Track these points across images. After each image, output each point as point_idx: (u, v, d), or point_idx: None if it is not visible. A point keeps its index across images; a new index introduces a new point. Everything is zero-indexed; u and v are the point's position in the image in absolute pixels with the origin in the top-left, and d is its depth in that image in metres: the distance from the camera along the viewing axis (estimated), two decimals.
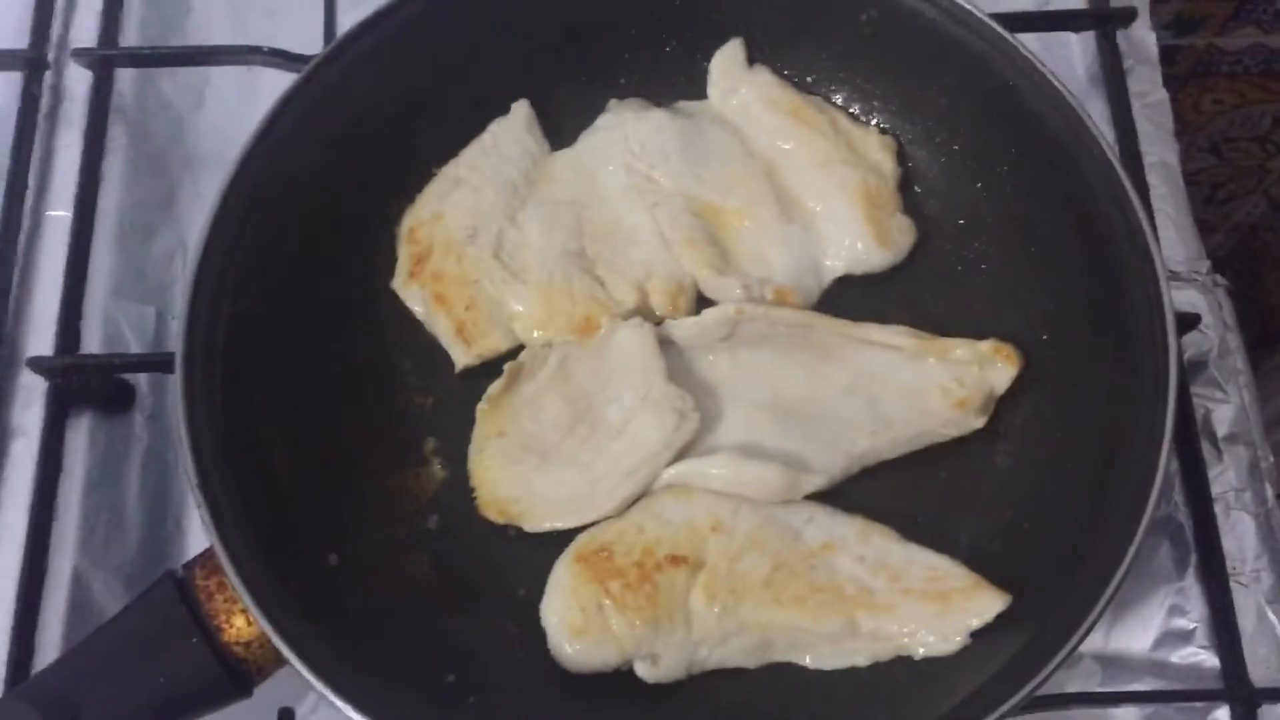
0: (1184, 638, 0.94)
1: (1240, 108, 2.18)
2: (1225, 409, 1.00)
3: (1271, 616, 0.94)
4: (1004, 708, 0.74)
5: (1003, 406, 0.92)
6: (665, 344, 0.94)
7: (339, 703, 0.75)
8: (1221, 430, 1.00)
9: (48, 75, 1.12)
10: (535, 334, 0.95)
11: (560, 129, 1.04)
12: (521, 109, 1.03)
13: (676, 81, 1.05)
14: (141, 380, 1.04)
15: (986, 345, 0.92)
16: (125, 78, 1.13)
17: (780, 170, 1.00)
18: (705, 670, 0.86)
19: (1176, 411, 0.81)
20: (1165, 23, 1.96)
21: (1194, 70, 2.08)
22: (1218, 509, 0.96)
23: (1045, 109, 0.91)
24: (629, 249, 0.98)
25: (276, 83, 1.02)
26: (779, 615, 0.85)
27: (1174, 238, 1.06)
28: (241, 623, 0.80)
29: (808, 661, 0.86)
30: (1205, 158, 2.35)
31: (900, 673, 0.84)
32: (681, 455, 0.90)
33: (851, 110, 1.03)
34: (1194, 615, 0.95)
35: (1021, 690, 0.75)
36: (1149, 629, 0.95)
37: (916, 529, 0.89)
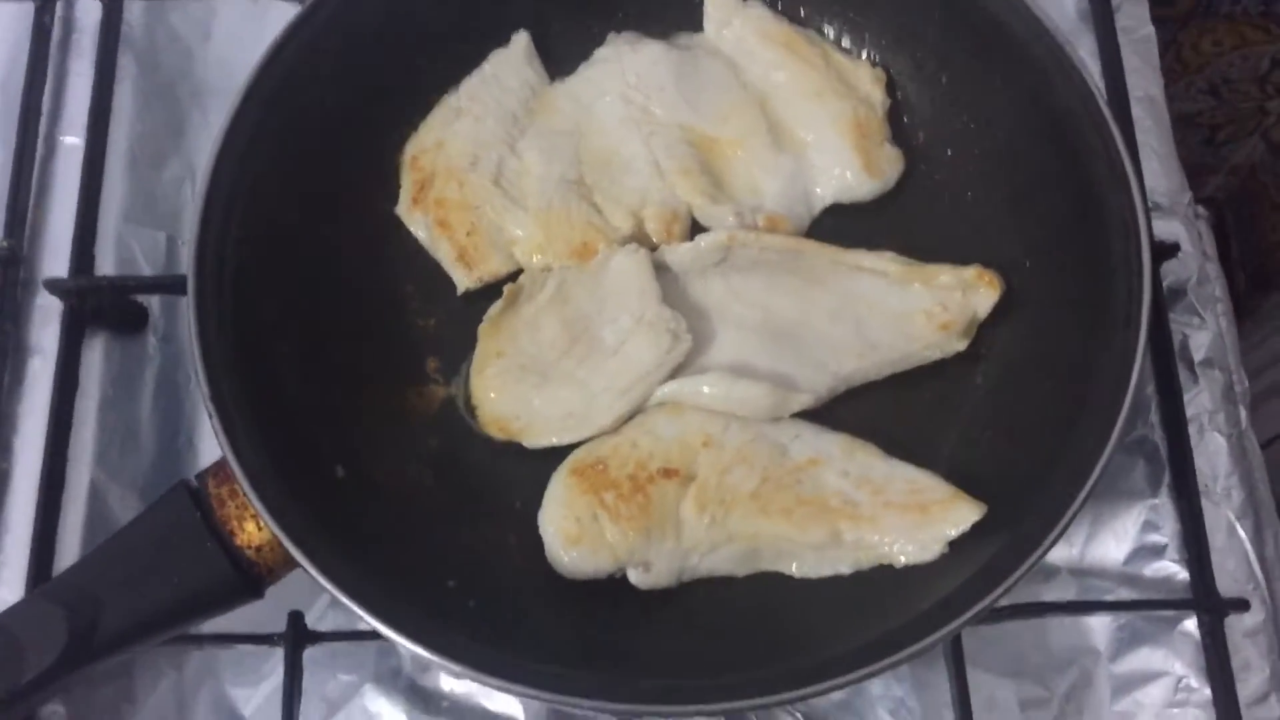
0: (1156, 552, 0.98)
1: (1239, 49, 2.19)
2: (1202, 335, 1.04)
3: (1240, 532, 0.98)
4: (977, 608, 0.78)
5: (985, 330, 0.96)
6: (660, 269, 0.97)
7: (346, 601, 0.79)
8: (1198, 355, 1.03)
9: (59, 6, 1.15)
10: (535, 258, 0.99)
11: (559, 60, 1.07)
12: (521, 40, 1.06)
13: (673, 15, 1.08)
14: (154, 303, 1.07)
15: (970, 271, 0.96)
16: (134, 9, 1.16)
17: (773, 101, 1.03)
18: (695, 578, 0.90)
19: (1151, 334, 0.85)
20: None
21: (1193, 11, 2.09)
22: (1192, 430, 1.00)
23: (1031, 42, 0.93)
24: (625, 177, 1.01)
25: (282, 15, 1.06)
26: (766, 525, 0.89)
27: (1157, 169, 1.09)
28: (252, 528, 0.84)
29: (793, 570, 0.90)
30: (1204, 99, 2.36)
31: (881, 580, 0.88)
32: (674, 374, 0.93)
33: (843, 43, 1.06)
34: (1166, 530, 0.99)
35: (994, 592, 0.79)
36: (1123, 544, 0.99)
37: (899, 446, 0.92)
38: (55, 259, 1.06)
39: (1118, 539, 0.99)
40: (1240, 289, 2.54)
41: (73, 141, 1.11)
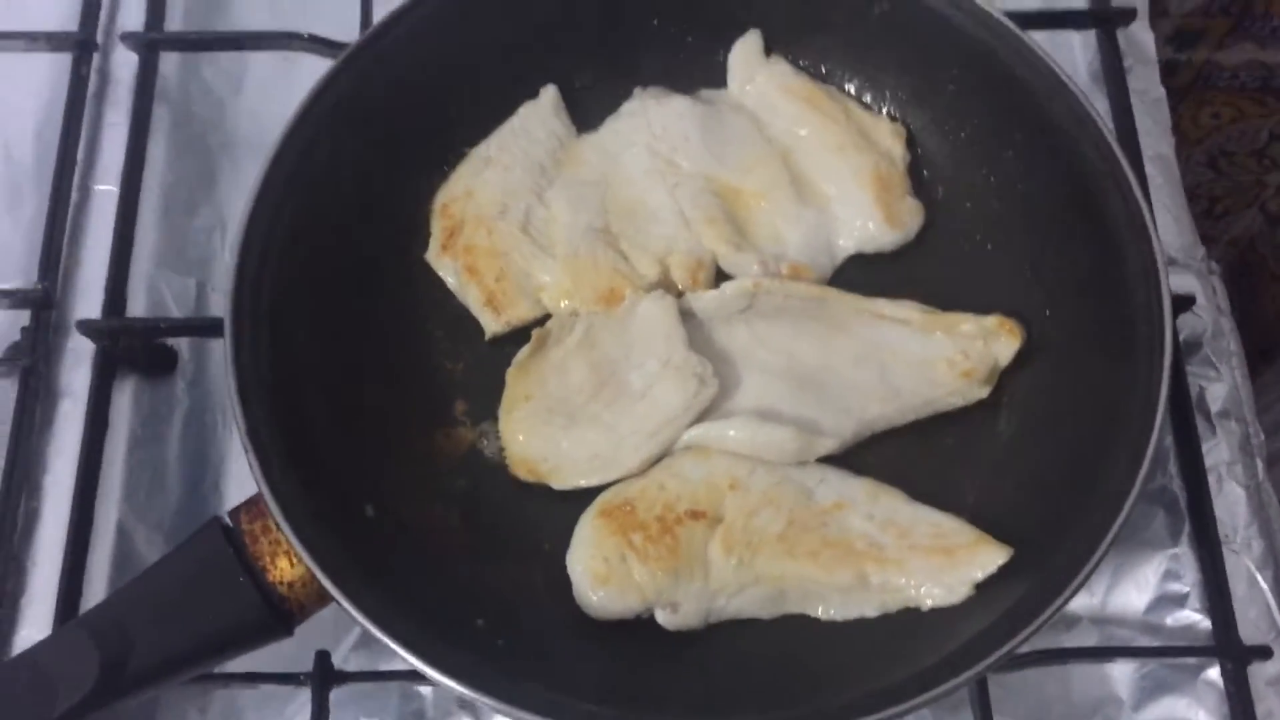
0: (1178, 601, 0.99)
1: (1237, 122, 2.23)
2: (1219, 387, 1.05)
3: (1261, 581, 0.98)
4: (1003, 650, 0.79)
5: (1006, 377, 0.97)
6: (686, 315, 0.99)
7: (381, 635, 0.79)
8: (1215, 406, 1.05)
9: (96, 57, 1.18)
10: (562, 304, 1.00)
11: (586, 114, 1.09)
12: (550, 93, 1.08)
13: (697, 71, 1.10)
14: (183, 347, 1.09)
15: (991, 320, 0.97)
16: (169, 61, 1.19)
17: (796, 154, 1.06)
18: (722, 620, 0.90)
19: (1171, 383, 0.86)
20: (1166, 36, 2.01)
21: (1193, 84, 2.13)
22: (1211, 480, 1.01)
23: (1049, 97, 0.96)
24: (651, 226, 1.03)
25: (312, 69, 1.08)
26: (792, 568, 0.89)
27: (1171, 226, 1.11)
28: (285, 564, 0.85)
29: (819, 612, 0.90)
30: (1203, 171, 2.40)
31: (906, 623, 0.88)
32: (701, 418, 0.94)
33: (864, 98, 1.09)
34: (1188, 580, 0.99)
35: (1020, 634, 0.79)
36: (1144, 592, 0.99)
37: (923, 491, 0.93)
38: (87, 303, 1.08)
39: (1139, 588, 1.00)
40: None
41: (107, 189, 1.13)
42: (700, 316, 1.00)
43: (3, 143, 1.17)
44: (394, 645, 0.79)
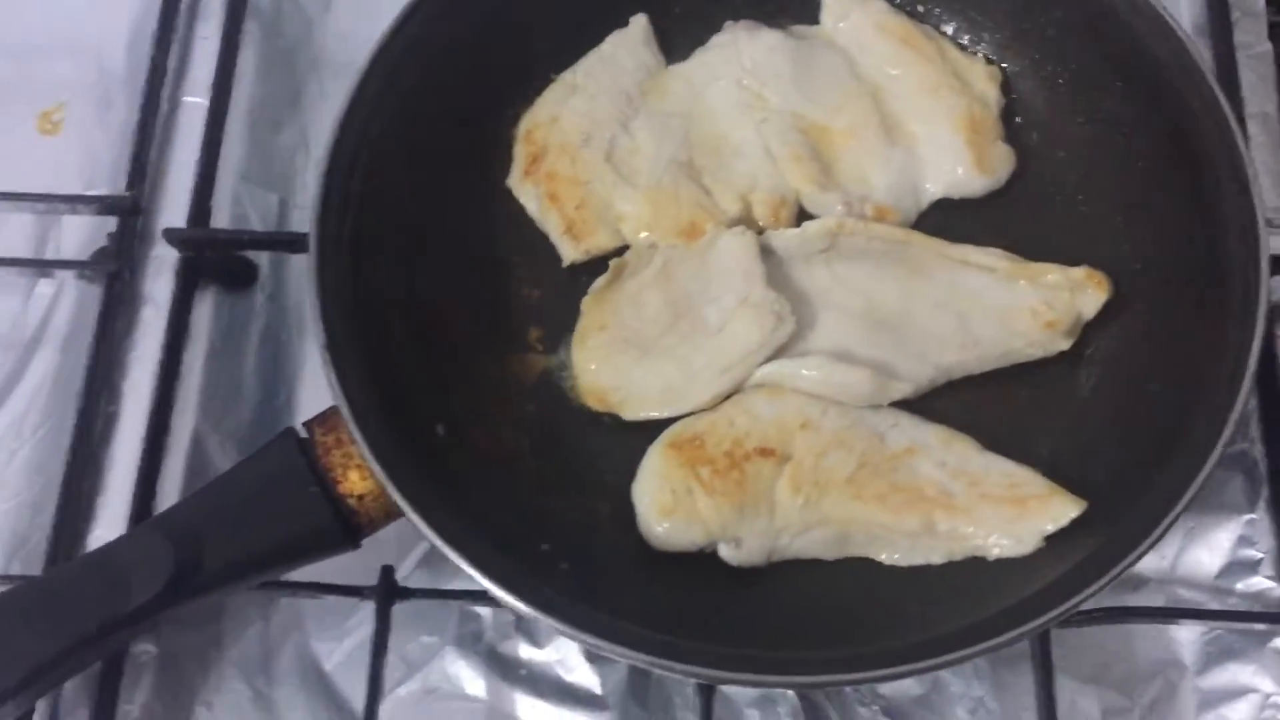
0: (1250, 567, 0.97)
1: None
2: None
3: None
4: (1067, 605, 0.78)
5: (1090, 331, 0.96)
6: (766, 253, 0.98)
7: (448, 550, 0.80)
8: None
9: None
10: (641, 235, 1.00)
11: (676, 45, 1.09)
12: (640, 22, 1.07)
13: (790, 6, 1.09)
14: (264, 261, 1.10)
15: (1079, 271, 0.96)
16: None
17: (886, 94, 1.04)
18: (785, 559, 0.90)
19: (1261, 348, 0.84)
20: None
21: None
22: None
23: (1154, 43, 0.93)
24: (735, 161, 1.02)
25: None
26: (860, 510, 0.89)
27: (1270, 186, 1.08)
28: (355, 477, 0.86)
29: (883, 557, 0.90)
30: None
31: (971, 572, 0.88)
32: (775, 356, 0.94)
33: (960, 40, 1.07)
34: (1262, 546, 0.97)
35: (1086, 590, 0.78)
36: (1216, 557, 0.98)
37: (997, 442, 0.92)
38: (173, 213, 1.10)
39: (1211, 552, 0.98)
40: None
41: (195, 101, 1.14)
42: (780, 254, 0.99)
43: (96, 52, 1.19)
44: (459, 560, 0.80)
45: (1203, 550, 0.98)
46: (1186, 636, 0.96)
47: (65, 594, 0.83)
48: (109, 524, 0.99)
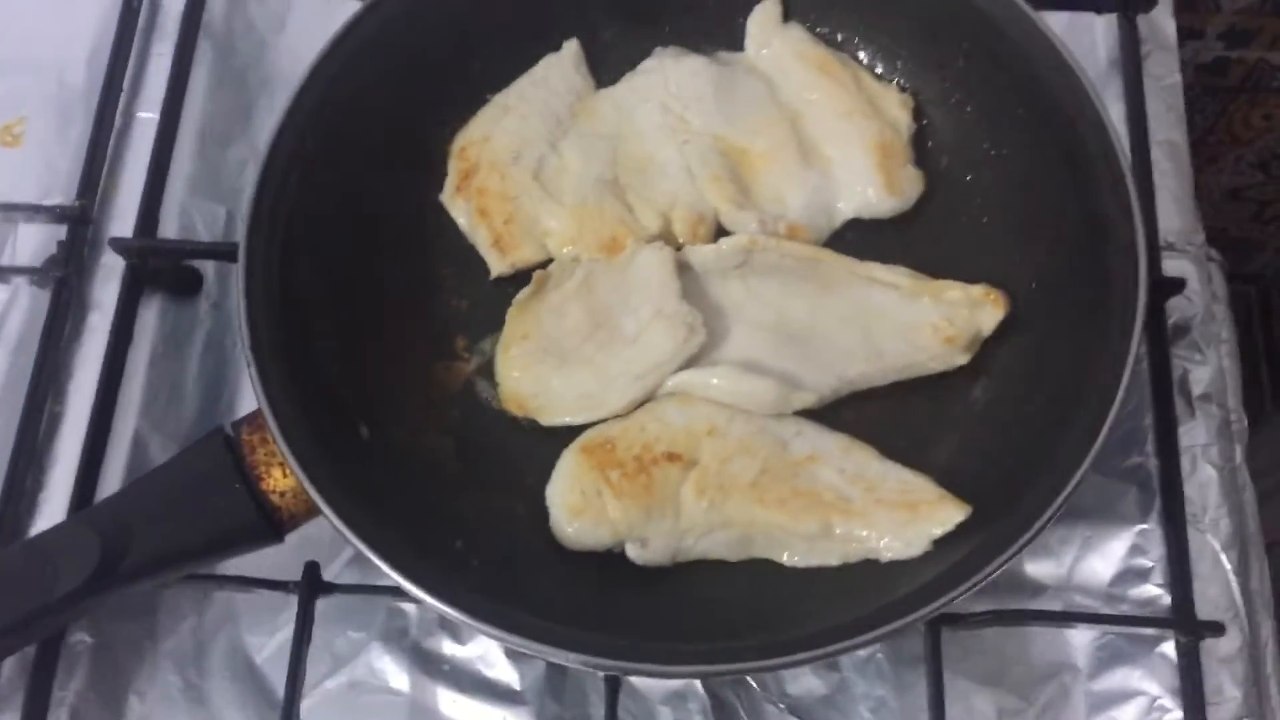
0: (1142, 575, 1.01)
1: None
2: (1203, 370, 1.07)
3: (1225, 561, 1.00)
4: (949, 595, 0.82)
5: (988, 346, 0.99)
6: (683, 267, 1.02)
7: (359, 544, 0.83)
8: (1197, 390, 1.06)
9: None
10: (565, 249, 1.04)
11: (606, 69, 1.13)
12: (571, 47, 1.12)
13: (717, 34, 1.13)
14: (209, 270, 1.14)
15: (977, 289, 1.00)
16: None
17: (804, 119, 1.08)
18: (690, 559, 0.94)
19: (1151, 363, 0.89)
20: (1218, 33, 2.00)
21: (1244, 84, 2.11)
22: (1185, 461, 1.02)
23: (1051, 75, 0.97)
24: (658, 180, 1.07)
25: (352, 12, 1.12)
26: (761, 514, 0.93)
27: (1173, 210, 1.12)
28: (278, 474, 0.90)
29: (784, 559, 0.94)
30: (1254, 174, 2.37)
31: (865, 572, 0.92)
32: (687, 366, 0.98)
33: (875, 68, 1.11)
34: (1153, 555, 1.01)
35: (960, 587, 0.82)
36: (1110, 565, 1.01)
37: (897, 451, 0.96)
38: (122, 223, 1.14)
39: (1105, 560, 1.02)
40: None
41: (148, 116, 1.19)
42: (697, 269, 1.03)
43: (57, 68, 1.23)
44: (370, 553, 0.83)
45: (1097, 558, 1.02)
46: (1080, 641, 1.00)
47: None
48: (50, 518, 1.03)
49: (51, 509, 1.04)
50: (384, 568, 0.84)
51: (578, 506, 0.93)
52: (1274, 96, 2.15)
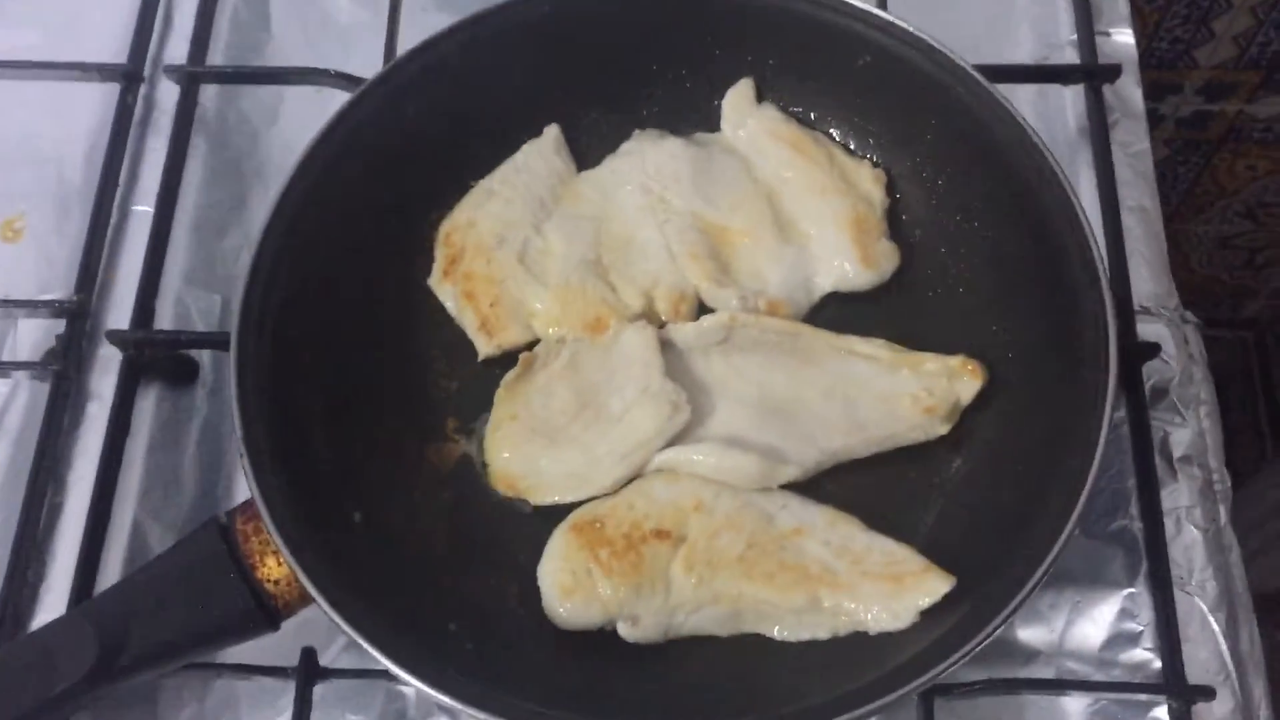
0: (1132, 639, 1.02)
1: (1274, 174, 2.24)
2: (1183, 433, 1.08)
3: (1213, 624, 1.01)
4: (940, 668, 0.83)
5: (968, 416, 1.01)
6: (666, 345, 1.04)
7: (350, 632, 0.85)
8: (1178, 452, 1.07)
9: (142, 88, 1.27)
10: (551, 330, 1.06)
11: (587, 152, 1.16)
12: (552, 132, 1.15)
13: (693, 115, 1.16)
14: (205, 359, 1.16)
15: (955, 360, 1.02)
16: (209, 93, 1.27)
17: (780, 196, 1.11)
18: (681, 635, 0.95)
19: (1132, 427, 0.89)
20: (1196, 88, 2.04)
21: (1226, 136, 2.15)
22: (1169, 523, 1.04)
23: (1014, 149, 1.00)
24: (639, 260, 1.09)
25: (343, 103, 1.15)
26: (749, 588, 0.94)
27: (1146, 276, 1.14)
28: (272, 563, 0.91)
29: (774, 633, 0.95)
30: (1242, 222, 2.40)
31: (855, 645, 0.93)
32: (673, 443, 1.00)
33: (849, 144, 1.14)
34: (1142, 619, 1.02)
35: (956, 653, 0.83)
36: (1100, 630, 1.02)
37: (881, 520, 0.98)
38: (119, 315, 1.16)
39: (1096, 625, 1.02)
40: None
41: (144, 209, 1.21)
42: (679, 347, 1.05)
43: (56, 165, 1.26)
44: (361, 639, 0.85)
45: (1088, 624, 1.03)
46: (1075, 707, 1.00)
47: None
48: (51, 610, 1.05)
49: (53, 599, 1.05)
50: (378, 656, 0.85)
51: (569, 586, 0.95)
52: (1256, 147, 2.19)
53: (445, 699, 0.83)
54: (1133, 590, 1.03)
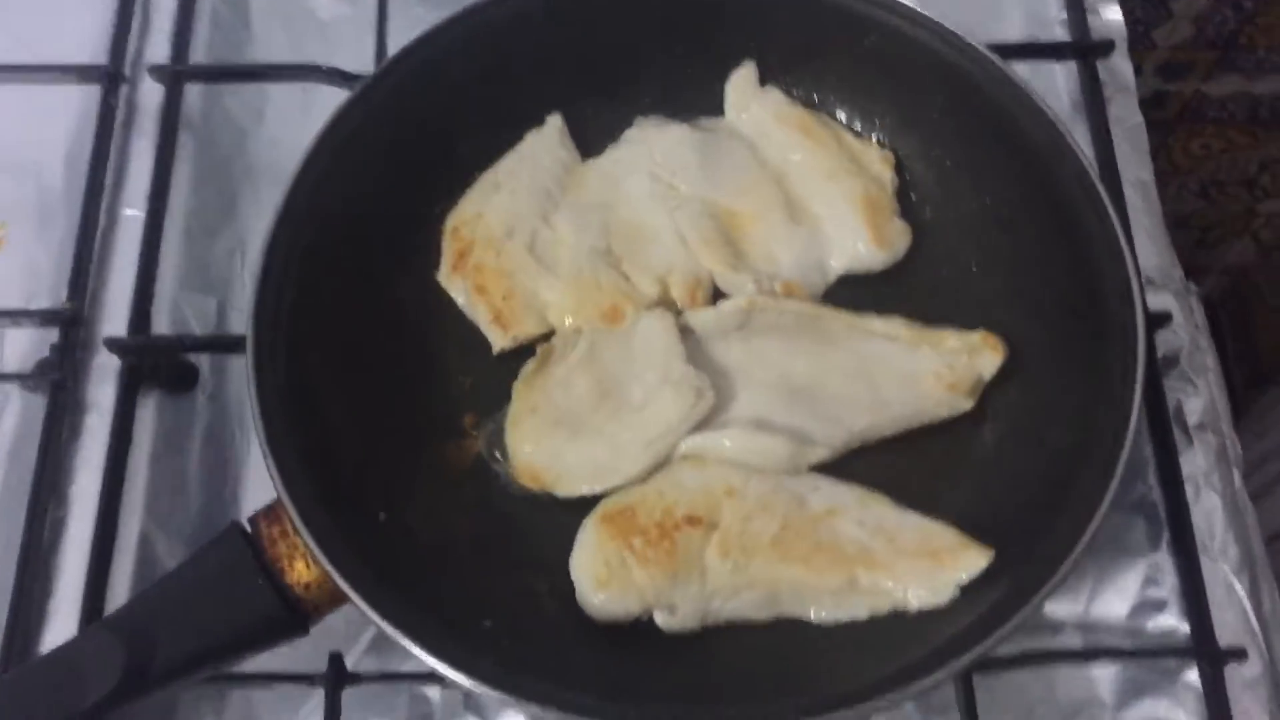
0: (1158, 606, 1.02)
1: (1227, 152, 2.29)
2: (1196, 400, 1.09)
3: (1237, 586, 1.02)
4: (984, 644, 0.83)
5: (990, 390, 1.01)
6: (685, 332, 1.03)
7: (392, 631, 0.83)
8: (1192, 419, 1.08)
9: (124, 89, 1.23)
10: (566, 321, 1.05)
11: (590, 141, 1.15)
12: (555, 122, 1.14)
13: (696, 100, 1.15)
14: (204, 363, 1.13)
15: (975, 335, 1.02)
16: (193, 92, 1.24)
17: (789, 179, 1.11)
18: (719, 622, 0.94)
19: (1147, 399, 0.91)
20: (1155, 68, 2.07)
21: (1182, 115, 2.19)
22: (1188, 489, 1.05)
23: (1029, 125, 1.01)
24: (651, 248, 1.08)
25: (330, 99, 1.13)
26: (785, 571, 0.93)
27: (1149, 248, 1.15)
28: (301, 566, 0.89)
29: (812, 615, 0.94)
30: (1195, 200, 2.45)
31: (895, 624, 0.92)
32: (698, 429, 0.99)
33: (854, 126, 1.14)
34: (1166, 586, 1.03)
35: (999, 629, 0.83)
36: (1126, 598, 1.03)
37: (910, 498, 0.97)
38: (114, 321, 1.13)
39: (1121, 595, 1.03)
40: (1236, 387, 2.60)
41: (133, 213, 1.18)
42: (698, 333, 1.04)
43: (35, 169, 1.22)
44: (407, 642, 0.83)
45: (1113, 593, 1.03)
46: (1104, 676, 1.01)
47: (21, 697, 0.84)
48: (61, 627, 1.01)
49: (62, 616, 1.02)
50: (422, 654, 0.83)
51: (603, 577, 0.93)
52: (1211, 126, 2.23)
53: (495, 693, 0.82)
54: (1155, 558, 1.04)
